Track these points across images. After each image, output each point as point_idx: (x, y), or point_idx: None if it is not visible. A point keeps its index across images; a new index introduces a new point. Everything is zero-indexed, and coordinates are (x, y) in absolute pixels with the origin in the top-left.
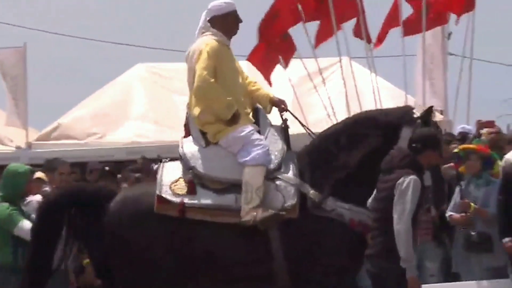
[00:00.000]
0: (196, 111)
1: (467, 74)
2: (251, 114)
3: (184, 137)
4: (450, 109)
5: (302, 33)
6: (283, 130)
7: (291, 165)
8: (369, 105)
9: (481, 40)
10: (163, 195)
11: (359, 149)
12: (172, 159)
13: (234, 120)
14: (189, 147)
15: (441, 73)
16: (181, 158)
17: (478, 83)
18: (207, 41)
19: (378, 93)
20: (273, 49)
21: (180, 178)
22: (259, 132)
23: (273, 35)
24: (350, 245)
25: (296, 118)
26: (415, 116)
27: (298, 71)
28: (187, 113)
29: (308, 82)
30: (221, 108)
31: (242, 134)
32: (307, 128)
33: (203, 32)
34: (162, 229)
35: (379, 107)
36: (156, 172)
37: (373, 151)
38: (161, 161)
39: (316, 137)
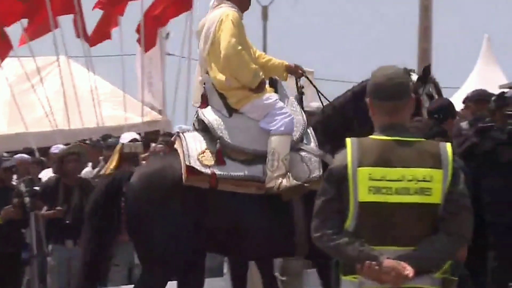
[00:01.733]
0: (222, 77)
1: (185, 75)
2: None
3: (200, 107)
4: (168, 109)
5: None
6: (300, 101)
7: (311, 136)
8: (87, 105)
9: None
10: (193, 166)
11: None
12: None
13: (260, 88)
14: (212, 117)
15: (159, 73)
16: (203, 128)
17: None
18: (228, 12)
19: (97, 92)
20: None
21: (206, 149)
22: None
23: None
24: None
25: (312, 83)
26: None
27: (15, 70)
28: (204, 83)
29: (26, 81)
30: (249, 75)
31: (268, 101)
32: (323, 95)
33: (217, 5)
34: (190, 201)
35: (97, 107)
36: (172, 143)
37: None
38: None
39: (327, 107)
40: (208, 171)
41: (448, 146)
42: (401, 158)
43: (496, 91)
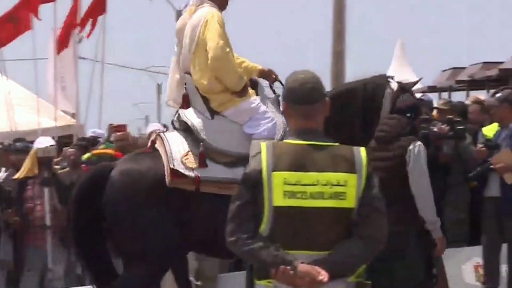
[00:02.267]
0: (205, 79)
1: (98, 78)
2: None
3: (182, 107)
4: (82, 113)
5: None
6: (277, 102)
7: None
8: (0, 109)
9: (112, 45)
10: (177, 169)
11: (354, 119)
12: None
13: (243, 91)
14: (195, 119)
15: (72, 77)
16: (184, 129)
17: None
18: (212, 12)
19: (9, 97)
20: None
21: (189, 151)
22: None
23: None
24: None
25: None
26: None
27: None
28: (185, 83)
29: None
30: (234, 79)
31: (252, 106)
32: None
33: (199, 4)
34: (173, 202)
35: (11, 111)
36: (152, 143)
37: (362, 120)
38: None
39: None
40: (192, 174)
41: (362, 150)
42: (315, 162)
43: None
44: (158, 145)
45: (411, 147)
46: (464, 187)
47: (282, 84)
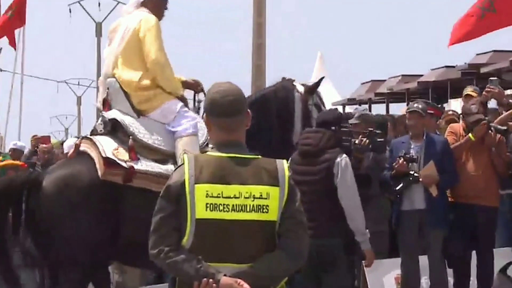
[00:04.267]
0: (133, 75)
1: (18, 90)
2: None
3: (104, 110)
4: (1, 125)
5: None
6: (197, 112)
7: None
8: None
9: (32, 57)
10: (110, 157)
11: (268, 125)
12: None
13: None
14: (123, 117)
15: None
16: (110, 131)
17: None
18: (148, 16)
19: None
20: None
21: (118, 146)
22: None
23: None
24: None
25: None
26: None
27: None
28: (108, 88)
29: None
30: (174, 83)
31: (175, 107)
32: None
33: (135, 10)
34: (105, 203)
35: None
36: (77, 147)
37: (278, 124)
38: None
39: None
40: (125, 164)
41: (285, 163)
42: (238, 175)
43: (329, 107)
44: (84, 148)
45: (338, 160)
46: (384, 199)
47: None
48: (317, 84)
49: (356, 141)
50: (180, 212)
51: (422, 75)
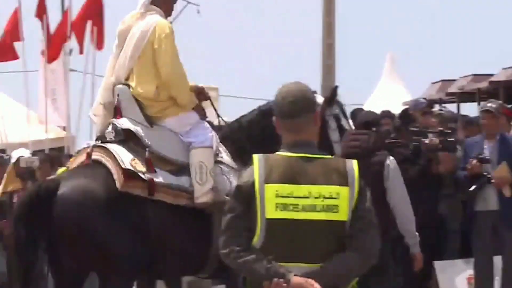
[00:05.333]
0: (149, 88)
1: (89, 91)
2: None
3: (116, 117)
4: (73, 126)
5: None
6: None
7: (223, 151)
8: None
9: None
10: (130, 168)
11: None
12: None
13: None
14: (134, 127)
15: (63, 90)
16: (122, 140)
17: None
18: (162, 22)
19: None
20: None
21: (135, 158)
22: None
23: None
24: None
25: (214, 106)
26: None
27: None
28: (118, 94)
29: None
30: (187, 98)
31: (192, 118)
32: (221, 118)
33: (147, 10)
34: (126, 213)
35: (1, 123)
36: (88, 155)
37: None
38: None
39: (233, 125)
40: (144, 176)
41: (355, 163)
42: (307, 174)
43: (399, 107)
44: (98, 157)
45: (387, 162)
46: (457, 199)
47: (211, 102)
48: (332, 94)
49: (427, 141)
50: (250, 212)
51: (493, 75)
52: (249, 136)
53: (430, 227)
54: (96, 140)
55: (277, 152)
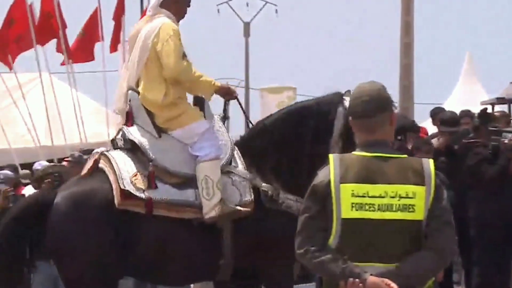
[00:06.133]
0: (156, 95)
1: None
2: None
3: (126, 125)
4: None
5: None
6: (224, 120)
7: (237, 158)
8: (70, 121)
9: None
10: (129, 190)
11: (300, 141)
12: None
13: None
14: (141, 137)
15: None
16: (130, 148)
17: None
18: (167, 23)
19: (79, 108)
20: None
21: (137, 172)
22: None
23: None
24: None
25: (242, 107)
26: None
27: None
28: (129, 100)
29: (8, 97)
30: (202, 86)
31: (199, 129)
32: (249, 120)
33: (156, 13)
34: (121, 225)
35: (80, 123)
36: (95, 162)
37: (312, 140)
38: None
39: (257, 127)
40: (143, 195)
41: (431, 162)
42: (383, 174)
43: (478, 107)
44: (102, 165)
45: None
46: None
47: (239, 104)
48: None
49: (506, 140)
50: (326, 211)
51: None
52: (271, 138)
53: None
54: (112, 142)
55: (352, 152)
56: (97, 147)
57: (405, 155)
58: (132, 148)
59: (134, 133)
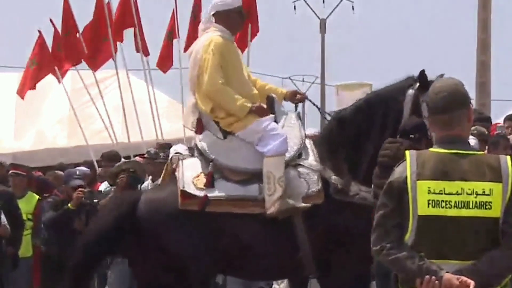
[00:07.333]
0: (208, 107)
1: None
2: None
3: (196, 132)
4: None
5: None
6: (299, 116)
7: (310, 152)
8: (146, 118)
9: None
10: (187, 190)
11: (375, 132)
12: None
13: (255, 113)
14: (206, 141)
15: None
16: (199, 153)
17: None
18: (211, 37)
19: (156, 105)
20: (49, 60)
21: (201, 173)
22: (275, 121)
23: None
24: None
25: (315, 104)
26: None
27: (74, 83)
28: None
29: (85, 94)
30: (235, 108)
31: (261, 126)
32: (325, 116)
33: (208, 27)
34: (191, 227)
35: (156, 120)
36: (174, 170)
37: (381, 128)
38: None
39: (329, 123)
40: (200, 193)
41: (509, 159)
42: (460, 171)
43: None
44: (176, 172)
45: None
46: None
47: (312, 103)
48: (423, 78)
49: None
50: (402, 208)
51: None
52: (342, 132)
53: None
54: (191, 150)
55: (429, 149)
56: (174, 143)
57: (482, 152)
58: (199, 153)
59: (201, 139)
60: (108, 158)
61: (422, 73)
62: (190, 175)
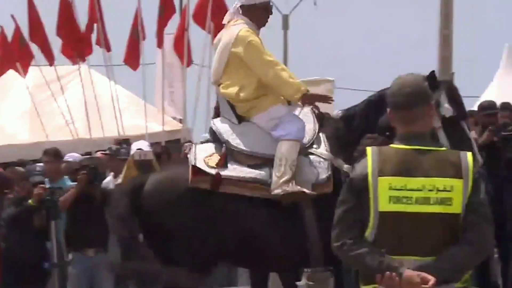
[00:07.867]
0: (234, 89)
1: (206, 83)
2: None
3: (213, 118)
4: (189, 118)
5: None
6: (313, 111)
7: (322, 141)
8: (108, 113)
9: None
10: (198, 165)
11: (376, 125)
12: None
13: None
14: (221, 125)
15: (180, 82)
16: (213, 136)
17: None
18: (244, 34)
19: (117, 101)
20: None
21: (214, 153)
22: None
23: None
24: None
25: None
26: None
27: (36, 79)
28: (217, 95)
29: (46, 90)
30: (291, 91)
31: (279, 112)
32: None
33: (233, 19)
34: (200, 206)
35: (118, 115)
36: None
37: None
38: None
39: (343, 117)
40: (212, 171)
41: (469, 155)
42: (421, 167)
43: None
44: (188, 155)
45: None
46: None
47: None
48: (431, 78)
49: None
50: (363, 204)
51: None
52: (354, 129)
53: None
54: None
55: (390, 145)
56: (135, 140)
57: (444, 148)
58: (214, 137)
59: (216, 123)
60: (53, 154)
61: (432, 74)
62: (203, 155)
